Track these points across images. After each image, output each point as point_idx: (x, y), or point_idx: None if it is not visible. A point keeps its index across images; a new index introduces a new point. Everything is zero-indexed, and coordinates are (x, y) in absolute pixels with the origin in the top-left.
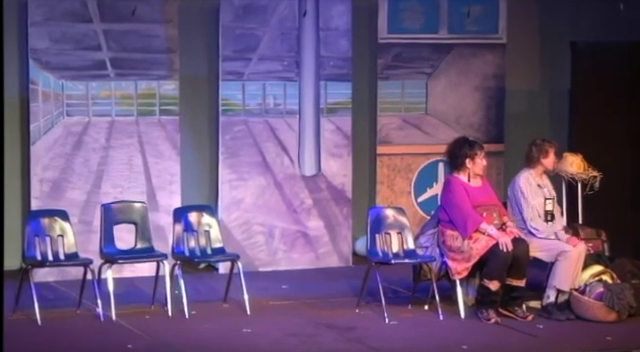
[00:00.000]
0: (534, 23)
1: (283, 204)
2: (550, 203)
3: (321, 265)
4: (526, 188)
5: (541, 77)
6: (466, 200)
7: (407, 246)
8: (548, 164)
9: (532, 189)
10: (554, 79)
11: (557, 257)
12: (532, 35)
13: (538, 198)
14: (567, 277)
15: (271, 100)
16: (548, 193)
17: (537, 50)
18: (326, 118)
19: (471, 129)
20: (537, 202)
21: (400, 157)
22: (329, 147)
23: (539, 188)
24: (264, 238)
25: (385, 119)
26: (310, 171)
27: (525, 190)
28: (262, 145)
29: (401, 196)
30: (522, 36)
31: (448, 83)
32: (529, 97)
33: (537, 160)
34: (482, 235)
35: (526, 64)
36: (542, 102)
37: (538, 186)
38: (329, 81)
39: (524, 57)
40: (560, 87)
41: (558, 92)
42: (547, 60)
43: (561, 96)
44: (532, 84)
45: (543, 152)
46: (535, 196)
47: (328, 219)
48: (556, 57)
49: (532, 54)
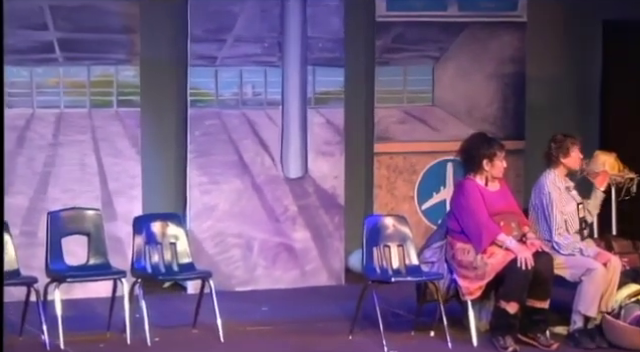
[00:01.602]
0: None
1: (263, 212)
2: (582, 209)
3: (308, 283)
4: (555, 193)
5: (568, 62)
6: (482, 207)
7: (410, 261)
8: (571, 164)
9: (561, 193)
10: (583, 64)
11: (581, 277)
12: (557, 13)
13: (570, 204)
14: (593, 301)
15: (249, 89)
16: (578, 197)
17: (563, 30)
18: (314, 110)
19: (485, 123)
20: (569, 209)
21: (402, 156)
22: (318, 144)
23: (567, 191)
24: (241, 252)
25: (384, 111)
26: (295, 173)
27: (554, 195)
28: (239, 142)
29: (403, 202)
30: (545, 14)
31: (458, 69)
32: (553, 85)
33: (556, 160)
34: (499, 249)
35: (550, 47)
36: (569, 91)
37: (567, 189)
38: (318, 66)
39: (548, 38)
40: (590, 73)
41: (588, 79)
42: (575, 42)
43: (591, 84)
44: (557, 70)
45: (563, 150)
46: (566, 202)
47: (316, 229)
48: (585, 38)
49: (557, 35)
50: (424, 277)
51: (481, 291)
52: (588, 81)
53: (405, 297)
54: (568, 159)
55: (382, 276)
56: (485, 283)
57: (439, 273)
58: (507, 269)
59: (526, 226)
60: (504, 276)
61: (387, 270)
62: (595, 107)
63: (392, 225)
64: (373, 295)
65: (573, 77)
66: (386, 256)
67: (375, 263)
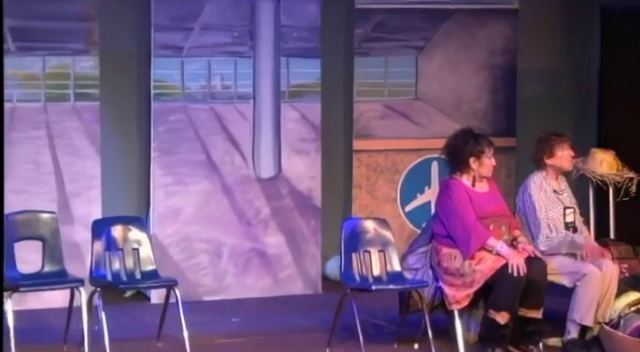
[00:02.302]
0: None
1: (233, 214)
2: (571, 213)
3: (282, 292)
4: (538, 195)
5: (563, 52)
6: (469, 209)
7: (392, 268)
8: (559, 164)
9: (547, 196)
10: (580, 55)
11: (576, 282)
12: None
13: (555, 208)
14: (589, 308)
15: (218, 81)
16: (568, 200)
17: (558, 18)
18: (288, 104)
19: (474, 118)
20: (555, 213)
21: (383, 154)
22: (292, 142)
23: (556, 194)
24: (209, 258)
25: (364, 106)
26: (268, 172)
27: (536, 198)
28: (206, 139)
29: (384, 204)
30: (539, 0)
31: (444, 60)
32: (547, 78)
33: (541, 161)
34: (488, 254)
35: (544, 36)
36: (564, 84)
37: (555, 192)
38: (292, 57)
39: (541, 27)
40: (587, 65)
41: (585, 71)
42: (570, 30)
43: (589, 76)
44: (552, 61)
45: (547, 150)
46: (551, 205)
47: (291, 233)
48: (582, 27)
49: (551, 23)
50: (407, 285)
51: (469, 300)
52: (585, 73)
53: (387, 307)
54: (553, 159)
55: (362, 284)
56: (473, 291)
57: (424, 281)
58: (497, 276)
59: (517, 230)
60: (494, 284)
61: (367, 278)
62: (592, 101)
63: (373, 229)
64: (352, 305)
65: (569, 69)
66: (366, 262)
67: (354, 270)
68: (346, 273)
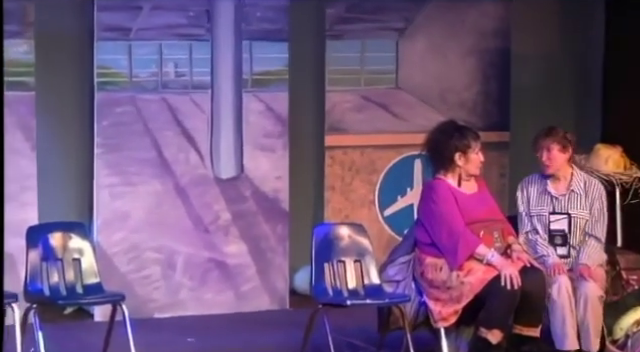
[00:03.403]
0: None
1: (189, 220)
2: (560, 221)
3: (245, 308)
4: (521, 192)
5: (562, 36)
6: (456, 213)
7: (369, 280)
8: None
9: (533, 197)
10: (582, 38)
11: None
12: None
13: (539, 209)
14: (563, 329)
15: (171, 68)
16: (564, 205)
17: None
18: (251, 94)
19: (462, 110)
20: (537, 216)
21: (359, 151)
22: (256, 137)
23: (547, 197)
24: (161, 270)
25: (337, 96)
26: (228, 172)
27: (519, 194)
28: (158, 134)
29: (361, 208)
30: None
31: (429, 44)
32: (545, 64)
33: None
34: (479, 264)
35: (541, 16)
36: (564, 71)
37: (548, 194)
38: (256, 41)
39: (538, 6)
40: (590, 50)
41: (587, 58)
42: (572, 10)
43: (591, 63)
44: (549, 46)
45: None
46: (535, 208)
47: (255, 242)
48: (585, 6)
49: (550, 2)
50: (387, 299)
51: (457, 316)
52: (588, 59)
53: (364, 324)
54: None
55: (335, 298)
56: (462, 307)
57: (405, 295)
58: (489, 289)
59: (511, 236)
60: (485, 298)
61: (341, 291)
62: (596, 90)
63: (347, 236)
64: (324, 322)
65: (569, 54)
66: (340, 274)
67: (327, 283)
68: (317, 286)
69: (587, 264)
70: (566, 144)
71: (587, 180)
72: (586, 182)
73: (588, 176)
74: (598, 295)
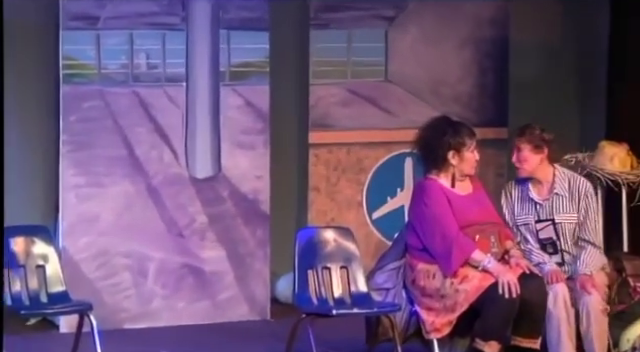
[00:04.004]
0: None
1: (162, 223)
2: (547, 228)
3: (222, 318)
4: (505, 205)
5: (565, 24)
6: (449, 216)
7: (356, 288)
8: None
9: (517, 205)
10: (585, 28)
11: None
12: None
13: (525, 217)
14: (558, 341)
15: (142, 59)
16: (548, 211)
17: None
18: (230, 88)
19: (457, 105)
20: (524, 225)
21: (346, 149)
22: (234, 133)
23: (530, 203)
24: (132, 277)
25: (322, 89)
26: (204, 171)
27: (505, 207)
28: (128, 130)
29: (348, 210)
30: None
31: (421, 34)
32: (546, 55)
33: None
34: (474, 271)
35: (542, 5)
36: (566, 63)
37: (530, 200)
38: (234, 30)
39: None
40: (594, 40)
41: (591, 48)
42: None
43: (596, 54)
44: (551, 35)
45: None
46: (520, 217)
47: (233, 246)
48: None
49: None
50: (376, 309)
51: (451, 327)
52: (592, 49)
53: (351, 335)
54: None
55: (320, 308)
56: (456, 316)
57: (395, 304)
58: (485, 298)
59: (509, 240)
60: (481, 307)
61: (326, 300)
62: (601, 83)
63: (333, 240)
64: (308, 333)
65: (572, 44)
66: (325, 281)
67: (311, 291)
68: (300, 294)
69: (586, 274)
70: (539, 144)
71: (572, 178)
72: (570, 181)
73: (573, 174)
74: (601, 308)
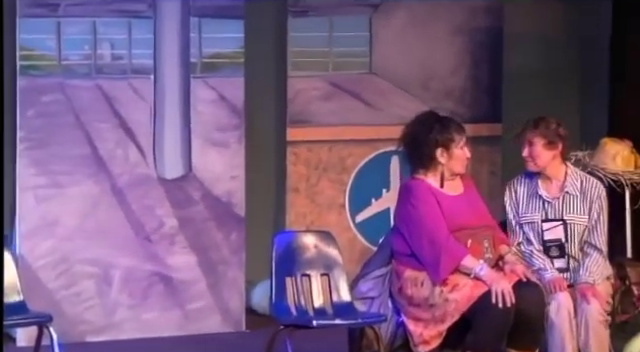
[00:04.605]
0: None
1: (128, 227)
2: (555, 229)
3: (194, 330)
4: (509, 201)
5: (565, 12)
6: (438, 218)
7: (339, 297)
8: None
9: (523, 202)
10: (585, 18)
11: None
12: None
13: (530, 216)
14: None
15: (106, 50)
16: (557, 210)
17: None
18: (201, 80)
19: (447, 99)
20: (529, 224)
21: (327, 147)
22: (207, 130)
23: (538, 201)
24: (95, 285)
25: (302, 82)
26: (174, 171)
27: (508, 204)
28: (91, 127)
29: (329, 212)
30: None
31: (409, 21)
32: (544, 46)
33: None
34: (465, 278)
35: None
36: (566, 55)
37: (538, 197)
38: (206, 18)
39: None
40: (595, 30)
41: (593, 38)
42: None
43: (597, 45)
44: (549, 24)
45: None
46: (525, 215)
47: (205, 252)
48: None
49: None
50: (359, 319)
51: (440, 339)
52: (593, 40)
53: (332, 348)
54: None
55: (299, 319)
56: (446, 328)
57: (381, 314)
58: (477, 307)
59: (504, 245)
60: (473, 317)
61: (306, 310)
62: (603, 77)
63: (313, 245)
64: (287, 345)
65: (571, 34)
66: (305, 290)
67: (289, 300)
68: (278, 304)
69: (588, 282)
70: (554, 139)
71: (584, 179)
72: (583, 181)
73: (586, 175)
74: (601, 319)
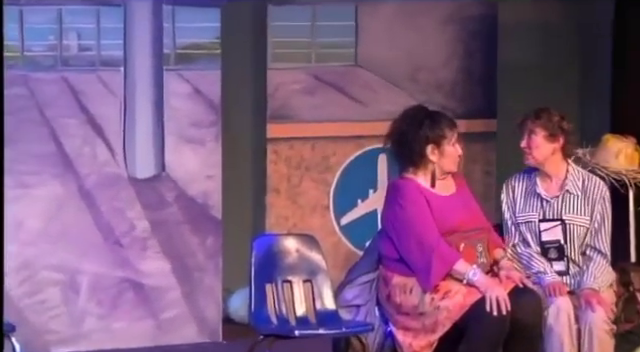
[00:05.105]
0: None
1: (96, 231)
2: (553, 229)
3: (167, 341)
4: (506, 200)
5: (562, 2)
6: (428, 220)
7: (322, 305)
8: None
9: (520, 200)
10: (585, 6)
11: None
12: None
13: (527, 215)
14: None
15: (73, 40)
16: (556, 209)
17: None
18: (175, 73)
19: (438, 93)
20: (526, 224)
21: (310, 144)
22: (181, 126)
23: (536, 199)
24: (61, 293)
25: (282, 75)
26: (146, 171)
27: (505, 203)
28: (57, 122)
29: (311, 214)
30: None
31: (397, 10)
32: (541, 35)
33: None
34: (458, 284)
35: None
36: (565, 45)
37: (536, 196)
38: (180, 6)
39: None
40: (597, 18)
41: (593, 27)
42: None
43: (598, 34)
44: (547, 12)
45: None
46: (522, 214)
47: (179, 258)
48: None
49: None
50: (344, 329)
51: (431, 350)
52: (594, 29)
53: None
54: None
55: (280, 328)
56: (437, 338)
57: (367, 323)
58: (470, 316)
59: (499, 249)
60: (466, 327)
61: (288, 319)
62: (604, 68)
63: (295, 250)
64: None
65: (570, 23)
66: (286, 297)
67: (269, 308)
68: (257, 313)
69: (593, 288)
70: (556, 132)
71: (586, 178)
72: (585, 181)
73: (588, 174)
74: (607, 328)
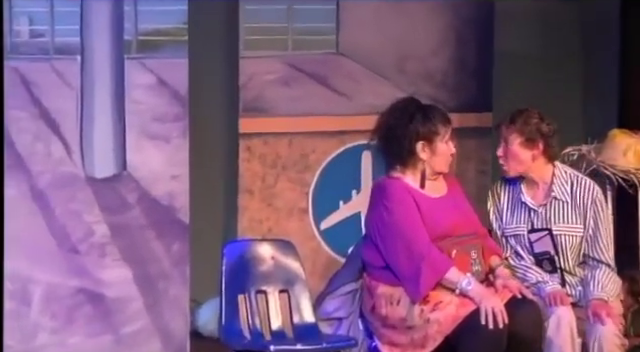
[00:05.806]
0: None
1: (50, 236)
2: (543, 240)
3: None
4: (493, 209)
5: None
6: (417, 224)
7: (300, 318)
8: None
9: (506, 210)
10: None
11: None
12: None
13: (515, 227)
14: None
15: (24, 26)
16: (544, 218)
17: None
18: (137, 62)
19: (427, 84)
20: (514, 237)
21: (287, 139)
22: (144, 121)
23: (523, 209)
24: (13, 304)
25: (256, 64)
26: (105, 170)
27: (492, 213)
28: (6, 116)
29: (288, 218)
30: None
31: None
32: (541, 24)
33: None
34: (450, 295)
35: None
36: (567, 34)
37: (523, 205)
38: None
39: None
40: (602, 6)
41: (599, 13)
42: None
43: (605, 23)
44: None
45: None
46: (510, 225)
47: (142, 265)
48: None
49: None
50: (325, 344)
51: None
52: (599, 15)
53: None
54: None
55: (254, 343)
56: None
57: (350, 337)
58: (463, 329)
59: (495, 256)
60: (458, 341)
61: (262, 333)
62: (611, 60)
63: (270, 257)
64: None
65: (574, 8)
66: (260, 309)
67: (242, 321)
68: (228, 326)
69: (602, 298)
70: (534, 136)
71: (575, 181)
72: (574, 184)
73: (577, 175)
74: (618, 343)
